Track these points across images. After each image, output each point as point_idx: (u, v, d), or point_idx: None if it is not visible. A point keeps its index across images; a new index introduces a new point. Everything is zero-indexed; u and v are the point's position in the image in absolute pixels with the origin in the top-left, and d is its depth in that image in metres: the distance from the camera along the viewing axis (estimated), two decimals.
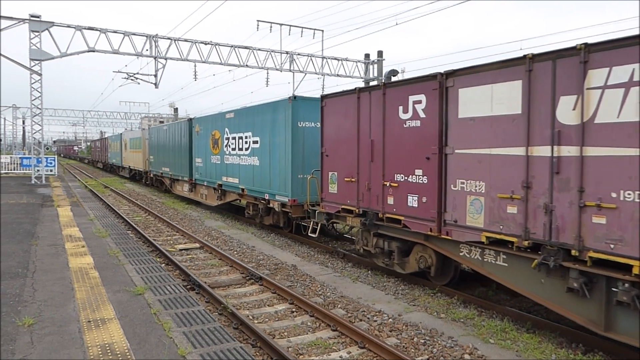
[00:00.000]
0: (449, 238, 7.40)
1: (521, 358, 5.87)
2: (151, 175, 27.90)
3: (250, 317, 7.15)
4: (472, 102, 6.94)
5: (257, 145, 14.14)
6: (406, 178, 8.20)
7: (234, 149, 15.78)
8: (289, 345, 6.14)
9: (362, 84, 27.15)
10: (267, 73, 26.19)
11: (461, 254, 7.40)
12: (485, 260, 7.00)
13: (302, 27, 25.40)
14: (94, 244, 9.62)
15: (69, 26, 20.96)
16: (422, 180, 7.87)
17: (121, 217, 16.25)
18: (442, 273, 8.35)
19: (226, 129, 16.38)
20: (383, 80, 24.64)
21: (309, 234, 11.33)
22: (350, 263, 10.63)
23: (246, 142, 14.84)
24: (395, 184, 8.42)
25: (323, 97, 10.57)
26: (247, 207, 15.33)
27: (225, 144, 16.48)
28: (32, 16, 20.77)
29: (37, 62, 21.32)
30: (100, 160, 51.77)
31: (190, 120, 20.47)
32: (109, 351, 4.61)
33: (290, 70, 25.83)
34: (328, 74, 26.82)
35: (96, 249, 9.09)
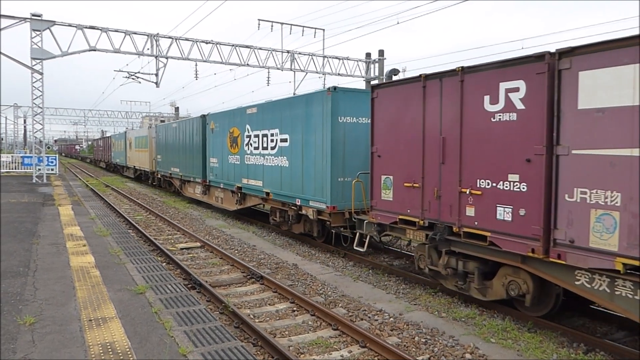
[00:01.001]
0: (562, 262, 5.83)
1: (522, 357, 5.87)
2: (159, 176, 26.20)
3: (251, 316, 7.15)
4: (601, 89, 5.40)
5: (285, 144, 12.40)
6: (494, 185, 6.60)
7: (256, 148, 14.00)
8: (290, 344, 6.14)
9: (363, 83, 27.16)
10: (268, 72, 26.18)
11: (577, 282, 5.85)
12: (616, 293, 5.46)
13: (303, 26, 25.39)
14: (95, 242, 9.63)
15: (70, 25, 20.96)
16: (519, 188, 6.30)
17: (122, 216, 16.26)
18: (539, 302, 6.82)
19: (247, 126, 14.56)
20: (384, 80, 24.62)
21: (355, 247, 9.73)
22: (351, 262, 10.62)
23: (272, 141, 13.08)
24: (478, 192, 6.83)
25: (374, 87, 8.86)
26: (273, 213, 13.60)
27: (245, 142, 14.68)
28: (33, 15, 20.79)
29: (38, 61, 21.34)
30: (103, 160, 50.70)
31: (203, 116, 18.70)
32: (110, 350, 4.61)
33: (291, 70, 25.82)
34: (329, 73, 26.81)
35: (97, 248, 9.10)
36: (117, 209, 17.78)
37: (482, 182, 6.82)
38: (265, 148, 13.47)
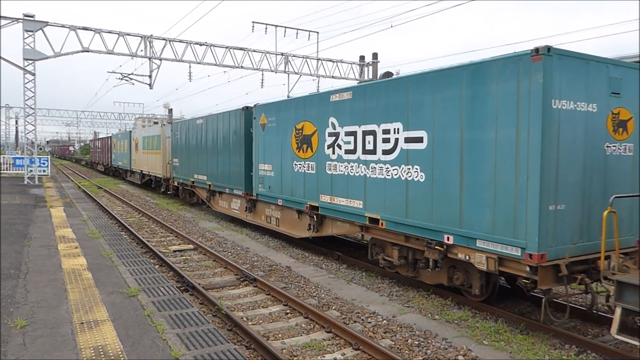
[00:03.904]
0: None
1: (515, 359, 5.90)
2: (175, 184, 21.65)
3: (244, 319, 7.13)
4: None
5: (419, 147, 8.00)
6: None
7: (350, 152, 9.65)
8: (283, 347, 6.14)
9: None
10: (262, 74, 26.20)
11: None
12: None
13: (297, 29, 25.44)
14: (87, 245, 9.57)
15: (63, 26, 20.88)
16: None
17: (115, 218, 16.17)
18: None
19: (331, 120, 10.23)
20: None
21: (616, 336, 5.45)
22: (345, 265, 10.63)
23: (387, 141, 8.69)
24: None
25: None
26: (380, 248, 9.23)
27: (327, 143, 10.38)
28: (26, 16, 20.67)
29: (30, 62, 21.20)
30: (101, 163, 45.72)
31: (247, 108, 14.30)
32: (102, 353, 4.58)
33: (285, 72, 25.85)
34: (323, 76, 26.89)
35: (89, 250, 9.04)
36: (109, 211, 17.69)
37: None
38: (371, 151, 9.11)
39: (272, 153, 12.82)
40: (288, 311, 7.55)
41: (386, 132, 8.74)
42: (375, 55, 27.21)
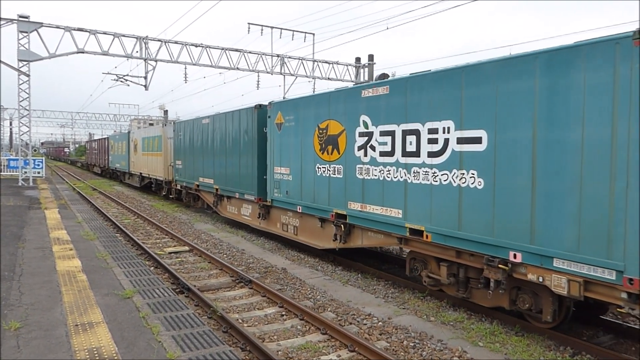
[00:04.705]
0: None
1: None
2: (178, 187, 20.44)
3: (240, 321, 7.12)
4: None
5: (476, 148, 6.87)
6: None
7: (387, 154, 8.54)
8: (278, 349, 6.13)
9: None
10: (258, 76, 26.20)
11: None
12: None
13: (293, 30, 25.46)
14: (82, 246, 9.53)
15: (58, 27, 20.81)
16: None
17: (109, 220, 16.11)
18: None
19: (362, 118, 9.12)
20: None
21: None
22: (341, 266, 10.63)
23: (433, 142, 7.57)
24: None
25: None
26: (424, 264, 8.16)
27: (358, 144, 9.25)
28: (20, 17, 20.59)
29: (25, 62, 21.12)
30: (98, 164, 44.47)
31: (259, 106, 13.15)
32: (96, 355, 4.57)
33: (281, 73, 25.86)
34: (319, 78, 26.90)
35: (84, 252, 9.00)
36: (104, 213, 17.62)
37: None
38: (413, 154, 7.99)
39: (290, 155, 11.63)
40: (283, 313, 7.54)
41: (433, 131, 7.57)
42: (371, 57, 27.26)
